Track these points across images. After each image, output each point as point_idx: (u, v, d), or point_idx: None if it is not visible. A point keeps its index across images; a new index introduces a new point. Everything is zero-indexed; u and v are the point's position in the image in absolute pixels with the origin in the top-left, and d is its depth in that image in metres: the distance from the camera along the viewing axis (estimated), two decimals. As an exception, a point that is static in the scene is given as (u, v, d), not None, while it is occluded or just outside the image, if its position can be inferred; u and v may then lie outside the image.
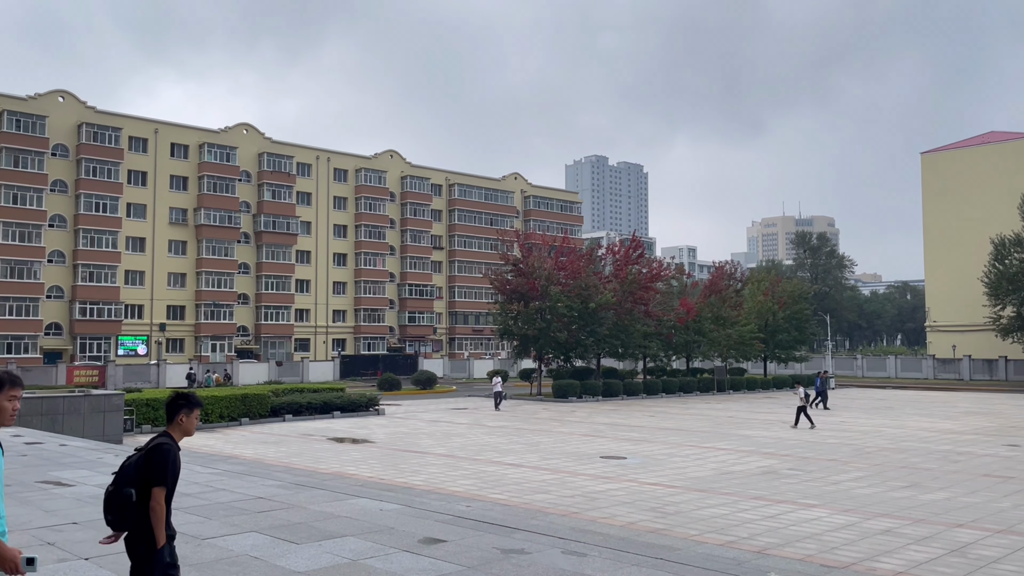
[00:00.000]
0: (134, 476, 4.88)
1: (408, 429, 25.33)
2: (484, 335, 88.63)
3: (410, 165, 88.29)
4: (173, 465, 4.91)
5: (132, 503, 4.82)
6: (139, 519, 4.83)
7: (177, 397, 5.13)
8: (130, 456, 5.01)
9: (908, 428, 26.34)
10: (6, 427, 4.22)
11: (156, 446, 4.91)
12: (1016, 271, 61.21)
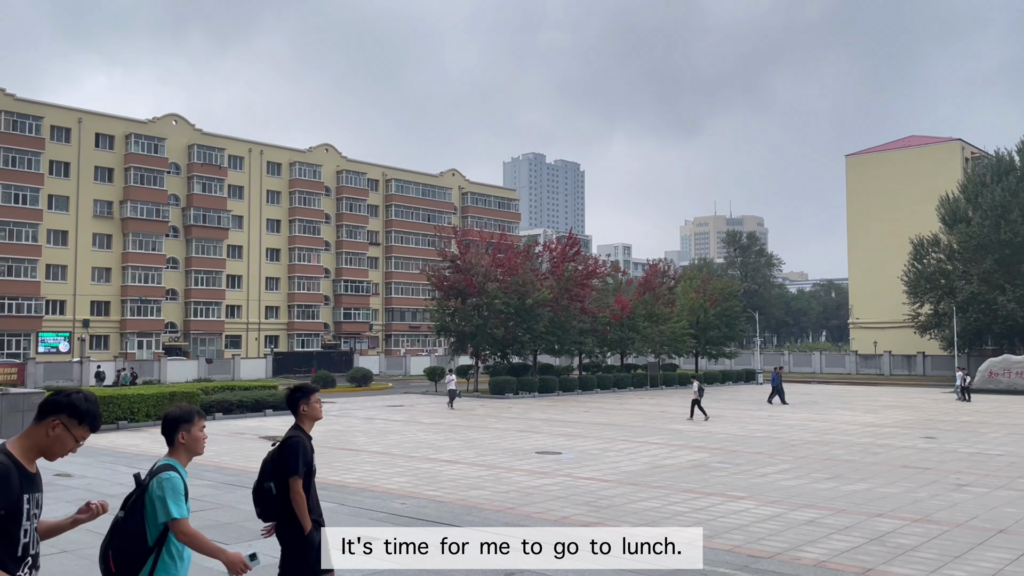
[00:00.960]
0: (272, 471, 5.26)
1: (342, 427, 25.05)
2: (421, 332, 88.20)
3: (346, 159, 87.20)
4: (304, 455, 5.24)
5: (273, 495, 5.20)
6: (283, 509, 5.20)
7: (294, 391, 5.46)
8: (269, 452, 5.38)
9: (832, 422, 27.25)
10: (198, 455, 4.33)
11: (286, 440, 5.26)
12: (933, 271, 63.84)
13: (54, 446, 3.40)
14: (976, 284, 59.72)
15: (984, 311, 59.68)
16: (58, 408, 3.42)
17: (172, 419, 4.25)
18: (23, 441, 3.38)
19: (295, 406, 5.45)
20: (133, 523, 4.03)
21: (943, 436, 22.80)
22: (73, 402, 3.44)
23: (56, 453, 3.42)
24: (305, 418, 5.44)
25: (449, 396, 33.57)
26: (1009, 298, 57.64)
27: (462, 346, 43.48)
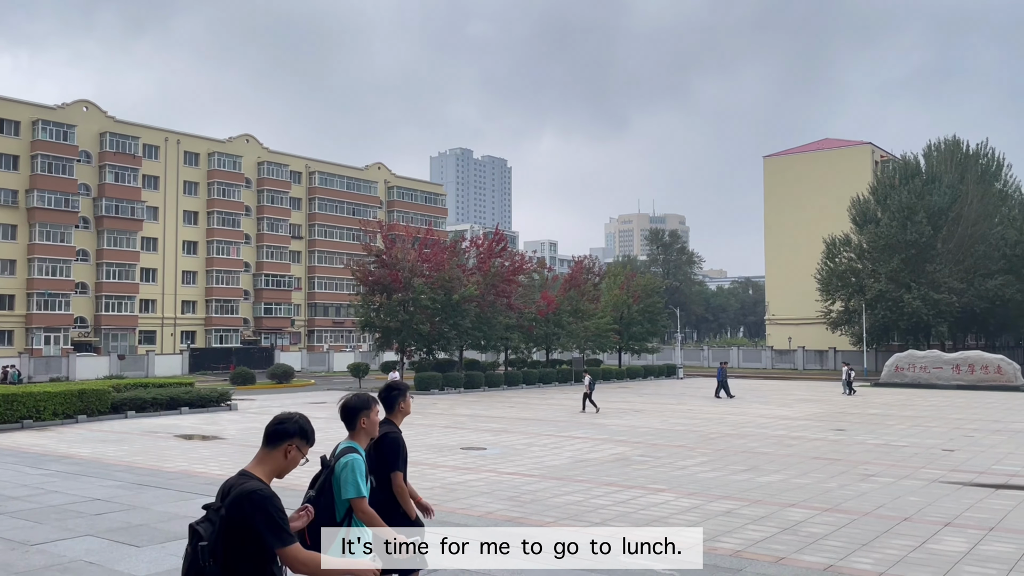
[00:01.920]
0: (372, 465, 5.38)
1: (262, 424, 24.40)
2: (345, 327, 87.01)
3: (268, 151, 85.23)
4: (402, 450, 5.52)
5: (374, 489, 5.27)
6: (384, 502, 5.36)
7: (391, 388, 5.70)
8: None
9: (748, 415, 28.07)
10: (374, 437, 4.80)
11: (382, 437, 5.41)
12: (845, 269, 66.48)
13: (290, 467, 3.86)
14: (884, 282, 62.48)
15: (891, 308, 62.46)
16: (290, 434, 3.86)
17: (353, 408, 4.81)
18: (263, 467, 3.80)
19: (392, 402, 5.70)
20: (324, 500, 4.56)
21: (852, 428, 23.75)
22: (302, 426, 3.90)
23: (288, 472, 3.88)
24: (400, 414, 5.73)
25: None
26: (914, 296, 60.47)
27: (387, 342, 43.07)
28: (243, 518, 3.53)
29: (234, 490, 3.63)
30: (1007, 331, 78.88)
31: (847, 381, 40.15)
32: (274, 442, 3.85)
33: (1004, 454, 18.39)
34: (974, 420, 26.57)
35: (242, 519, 3.52)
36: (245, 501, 3.55)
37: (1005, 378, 44.22)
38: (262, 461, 3.82)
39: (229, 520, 3.54)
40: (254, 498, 3.55)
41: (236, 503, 3.56)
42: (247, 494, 3.57)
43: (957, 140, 71.80)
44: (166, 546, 9.08)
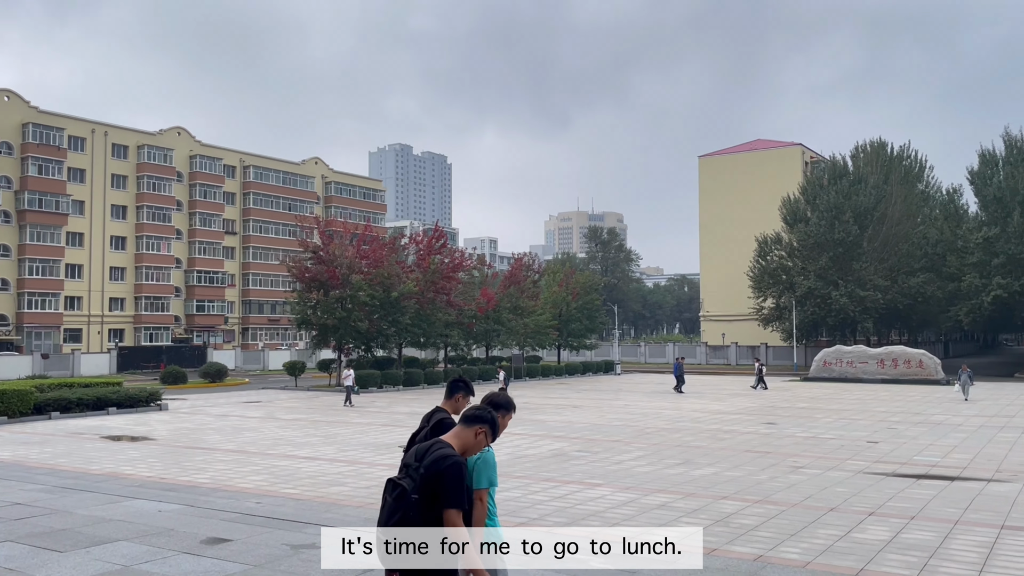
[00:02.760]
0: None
1: (194, 425, 23.91)
2: (281, 325, 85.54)
3: (200, 144, 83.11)
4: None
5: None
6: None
7: (459, 380, 6.00)
8: (417, 431, 5.81)
9: (683, 410, 28.60)
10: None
11: (440, 421, 5.64)
12: (776, 267, 68.28)
13: (476, 448, 4.50)
14: (813, 280, 64.39)
15: (819, 305, 64.42)
16: (484, 420, 4.53)
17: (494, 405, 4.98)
18: (456, 440, 4.46)
19: (454, 392, 6.00)
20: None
21: (782, 422, 24.41)
22: (494, 419, 4.59)
23: (474, 452, 4.52)
24: (452, 404, 6.00)
25: (346, 392, 31.15)
26: (841, 293, 62.48)
27: (324, 340, 42.45)
28: (437, 474, 4.22)
29: (431, 453, 4.32)
30: (928, 327, 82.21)
31: (759, 376, 40.93)
32: (470, 423, 4.55)
33: (925, 445, 19.16)
34: (897, 413, 27.60)
35: (437, 475, 4.22)
36: (441, 462, 4.26)
37: (926, 372, 46.04)
38: (456, 435, 4.52)
39: (427, 476, 4.24)
40: (447, 461, 4.27)
41: (434, 463, 4.26)
42: (443, 457, 4.29)
43: (883, 142, 74.42)
44: (91, 551, 8.79)
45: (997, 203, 60.42)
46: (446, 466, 4.23)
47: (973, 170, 65.06)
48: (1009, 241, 57.83)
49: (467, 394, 6.09)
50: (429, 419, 5.96)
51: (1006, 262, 58.10)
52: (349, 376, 31.80)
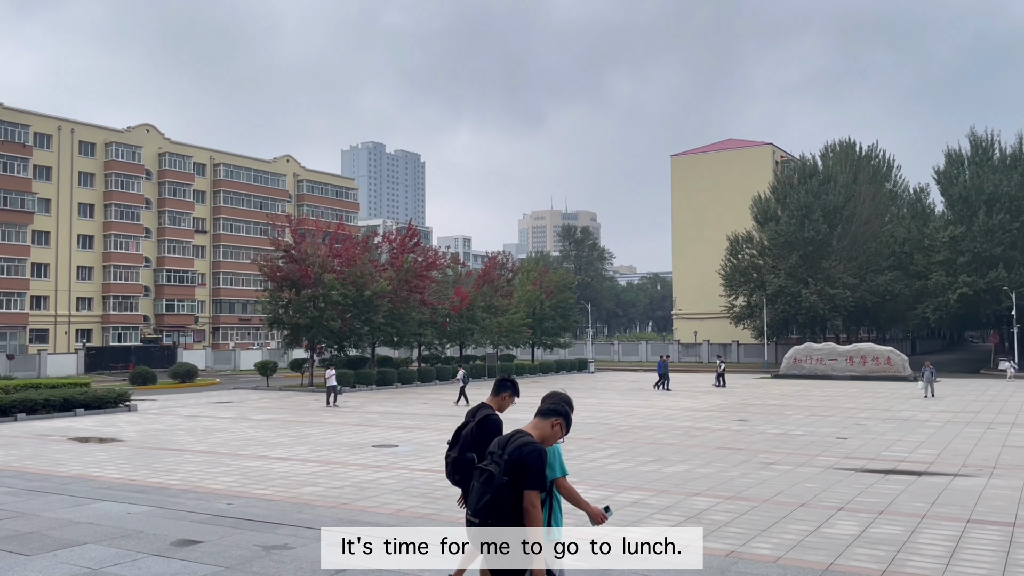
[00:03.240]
0: (472, 443, 6.00)
1: (164, 425, 23.62)
2: (252, 324, 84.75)
3: (169, 141, 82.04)
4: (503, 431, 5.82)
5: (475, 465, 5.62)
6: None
7: (506, 379, 6.31)
8: (462, 426, 6.18)
9: (656, 407, 28.78)
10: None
11: (485, 418, 6.02)
12: (747, 265, 68.94)
13: (553, 438, 5.00)
14: (783, 278, 65.11)
15: (790, 303, 65.17)
16: (559, 413, 5.05)
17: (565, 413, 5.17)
18: (535, 430, 4.97)
19: (501, 390, 6.29)
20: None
21: (753, 419, 24.66)
22: (567, 412, 5.10)
23: (551, 442, 5.02)
24: (498, 402, 6.28)
25: (328, 392, 30.47)
26: (811, 291, 63.24)
27: (296, 339, 42.13)
28: (520, 460, 4.69)
29: (513, 442, 4.81)
30: (896, 324, 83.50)
31: (719, 374, 41.06)
32: (547, 415, 5.06)
33: (893, 441, 19.46)
34: (866, 409, 28.00)
35: (520, 461, 4.68)
36: (525, 449, 4.74)
37: (894, 369, 46.76)
38: (535, 427, 5.02)
39: (510, 461, 4.71)
40: (531, 447, 4.76)
41: (517, 450, 4.75)
42: (525, 444, 4.79)
43: (851, 142, 75.43)
44: (58, 554, 8.65)
45: (963, 202, 61.54)
46: (527, 452, 4.73)
47: (939, 170, 66.20)
48: (974, 240, 58.92)
49: (513, 393, 6.35)
50: (475, 414, 6.28)
51: (971, 260, 59.19)
52: (332, 376, 31.04)
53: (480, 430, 5.99)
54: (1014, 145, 63.62)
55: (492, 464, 4.75)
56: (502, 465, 4.70)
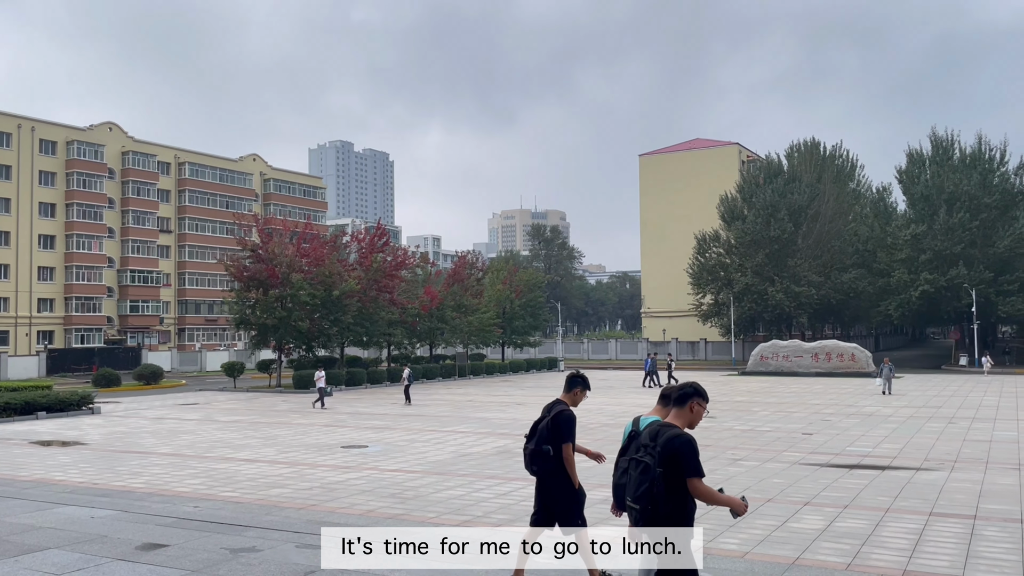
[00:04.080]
0: (548, 436, 6.52)
1: (128, 428, 23.25)
2: (219, 325, 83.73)
3: (133, 140, 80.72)
4: (575, 425, 6.69)
5: (551, 456, 6.47)
6: (555, 468, 6.56)
7: (577, 376, 6.79)
8: (538, 420, 6.63)
9: (625, 405, 28.94)
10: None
11: (559, 413, 6.50)
12: (714, 264, 69.62)
13: (696, 419, 5.28)
14: (750, 276, 65.85)
15: (756, 300, 65.92)
16: (696, 394, 5.29)
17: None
18: (679, 420, 5.26)
19: (572, 387, 6.80)
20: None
21: (721, 415, 24.91)
22: (697, 388, 5.33)
23: (697, 423, 5.29)
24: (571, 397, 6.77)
25: (319, 395, 29.84)
26: (777, 289, 64.03)
27: (264, 339, 41.71)
28: (674, 452, 4.98)
29: (663, 434, 5.08)
30: (860, 321, 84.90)
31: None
32: (682, 403, 5.29)
33: (857, 436, 19.78)
34: (831, 405, 28.42)
35: (673, 452, 4.98)
36: (676, 441, 5.02)
37: (858, 365, 47.51)
38: (676, 417, 5.29)
39: (663, 453, 5.00)
40: (682, 439, 5.03)
41: (669, 442, 5.03)
42: (677, 436, 5.05)
43: (816, 142, 76.53)
44: (20, 559, 8.48)
45: (924, 201, 62.73)
46: (679, 443, 5.01)
47: (901, 169, 67.44)
48: (935, 238, 60.08)
49: (584, 388, 6.87)
50: (550, 410, 6.75)
51: (932, 258, 60.35)
52: (321, 378, 30.44)
53: (554, 424, 6.47)
54: (973, 145, 65.02)
55: (647, 455, 5.09)
56: (656, 456, 5.03)
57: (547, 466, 6.48)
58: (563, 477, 6.55)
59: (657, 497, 5.02)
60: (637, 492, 5.10)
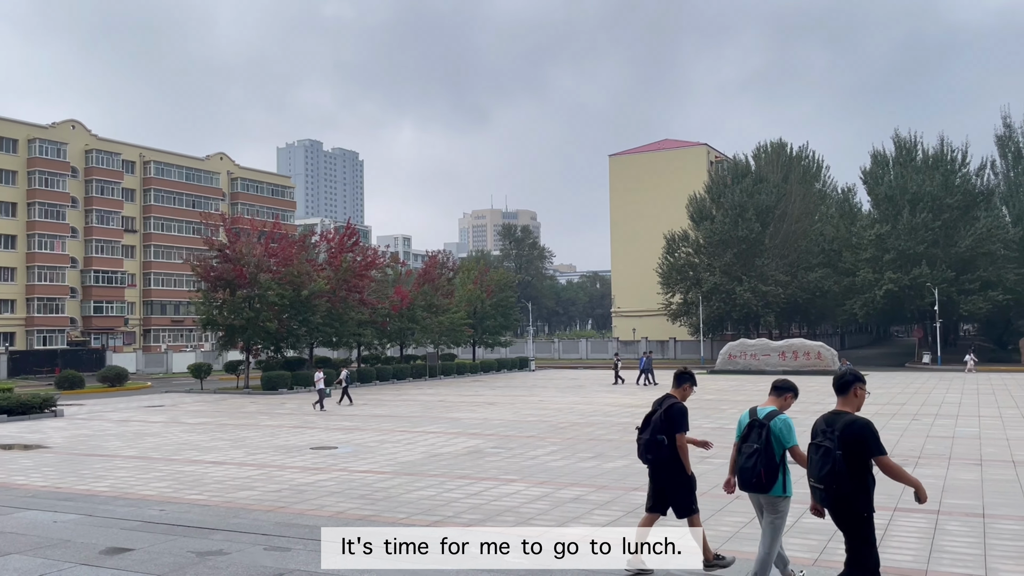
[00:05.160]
0: (662, 427, 7.07)
1: (92, 431, 22.85)
2: (185, 326, 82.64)
3: (96, 138, 79.37)
4: (687, 417, 7.31)
5: (664, 446, 7.00)
6: (670, 457, 7.10)
7: (685, 372, 7.38)
8: (651, 413, 7.24)
9: (595, 404, 29.07)
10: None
11: (671, 405, 7.05)
12: (683, 263, 70.18)
13: (861, 402, 5.97)
14: (718, 275, 66.49)
15: (725, 300, 66.58)
16: (856, 380, 5.93)
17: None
18: (848, 406, 5.92)
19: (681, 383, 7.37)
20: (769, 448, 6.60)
21: (690, 413, 25.07)
22: (856, 374, 5.99)
23: (862, 405, 5.98)
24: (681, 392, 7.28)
25: (319, 396, 28.77)
26: (745, 288, 64.73)
27: (231, 340, 41.21)
28: (855, 435, 5.64)
29: (840, 420, 5.77)
30: (826, 320, 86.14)
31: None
32: (844, 391, 5.96)
33: (823, 432, 20.03)
34: (797, 403, 28.67)
35: (854, 436, 5.64)
36: (855, 425, 5.69)
37: (824, 363, 48.19)
38: (844, 404, 5.96)
39: (843, 437, 5.67)
40: (860, 422, 5.71)
41: (848, 426, 5.70)
42: (854, 421, 5.73)
43: (782, 143, 77.51)
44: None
45: (888, 201, 63.80)
46: (859, 427, 5.67)
47: (866, 170, 68.51)
48: (899, 238, 61.13)
49: (692, 383, 7.44)
50: (661, 403, 7.33)
51: (896, 258, 61.41)
52: (321, 379, 29.42)
53: (667, 415, 7.00)
54: (935, 147, 66.25)
55: (827, 440, 5.76)
56: (835, 440, 5.69)
57: (661, 455, 6.97)
58: (677, 465, 7.08)
59: (840, 476, 5.64)
60: (821, 473, 5.78)
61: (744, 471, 6.49)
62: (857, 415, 5.75)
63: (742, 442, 6.60)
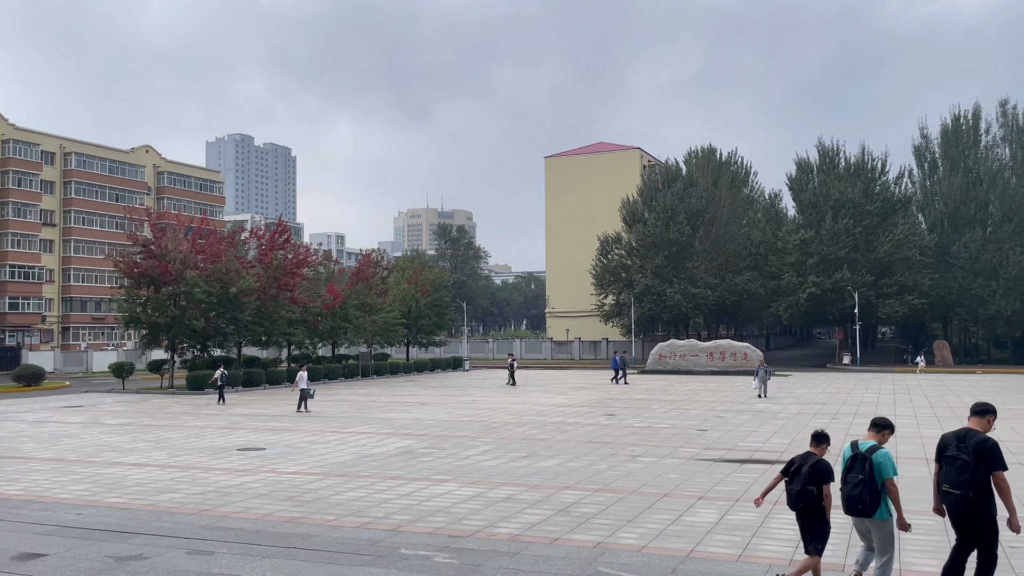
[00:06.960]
0: (810, 479, 7.51)
1: (5, 432, 21.87)
2: (107, 324, 79.78)
3: (13, 127, 75.95)
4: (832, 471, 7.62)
5: (814, 495, 7.48)
6: (816, 505, 7.52)
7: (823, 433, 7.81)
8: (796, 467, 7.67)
9: (529, 404, 29.22)
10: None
11: (816, 462, 7.56)
12: (616, 265, 71.12)
13: (990, 428, 7.18)
14: (650, 277, 67.61)
15: (656, 301, 67.72)
16: (992, 412, 7.25)
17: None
18: (980, 427, 7.18)
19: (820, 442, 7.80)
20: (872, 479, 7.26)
21: (621, 413, 25.47)
22: (993, 408, 7.33)
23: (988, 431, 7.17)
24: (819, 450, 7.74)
25: (301, 396, 27.27)
26: (675, 290, 65.97)
27: (155, 339, 39.95)
28: (984, 450, 6.90)
29: (972, 438, 7.01)
30: (752, 321, 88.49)
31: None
32: (982, 415, 7.20)
33: (749, 432, 20.58)
34: (725, 402, 29.48)
35: (984, 451, 6.89)
36: (987, 443, 6.93)
37: (751, 363, 49.40)
38: (977, 424, 7.17)
39: (976, 451, 6.91)
40: (990, 441, 6.94)
41: (981, 443, 6.94)
42: (986, 439, 6.97)
43: (712, 148, 79.22)
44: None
45: (812, 208, 65.93)
46: (990, 444, 6.93)
47: (791, 176, 70.62)
48: (822, 243, 63.22)
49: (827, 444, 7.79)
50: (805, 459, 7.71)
51: (819, 262, 63.50)
52: (304, 378, 27.84)
53: (814, 471, 7.54)
54: (857, 155, 68.74)
55: (963, 454, 6.97)
56: (970, 454, 6.92)
57: (811, 504, 7.53)
58: (820, 512, 7.61)
59: (975, 484, 6.84)
60: (958, 480, 6.95)
61: (851, 499, 7.28)
62: (987, 436, 7.01)
63: (847, 473, 7.42)
